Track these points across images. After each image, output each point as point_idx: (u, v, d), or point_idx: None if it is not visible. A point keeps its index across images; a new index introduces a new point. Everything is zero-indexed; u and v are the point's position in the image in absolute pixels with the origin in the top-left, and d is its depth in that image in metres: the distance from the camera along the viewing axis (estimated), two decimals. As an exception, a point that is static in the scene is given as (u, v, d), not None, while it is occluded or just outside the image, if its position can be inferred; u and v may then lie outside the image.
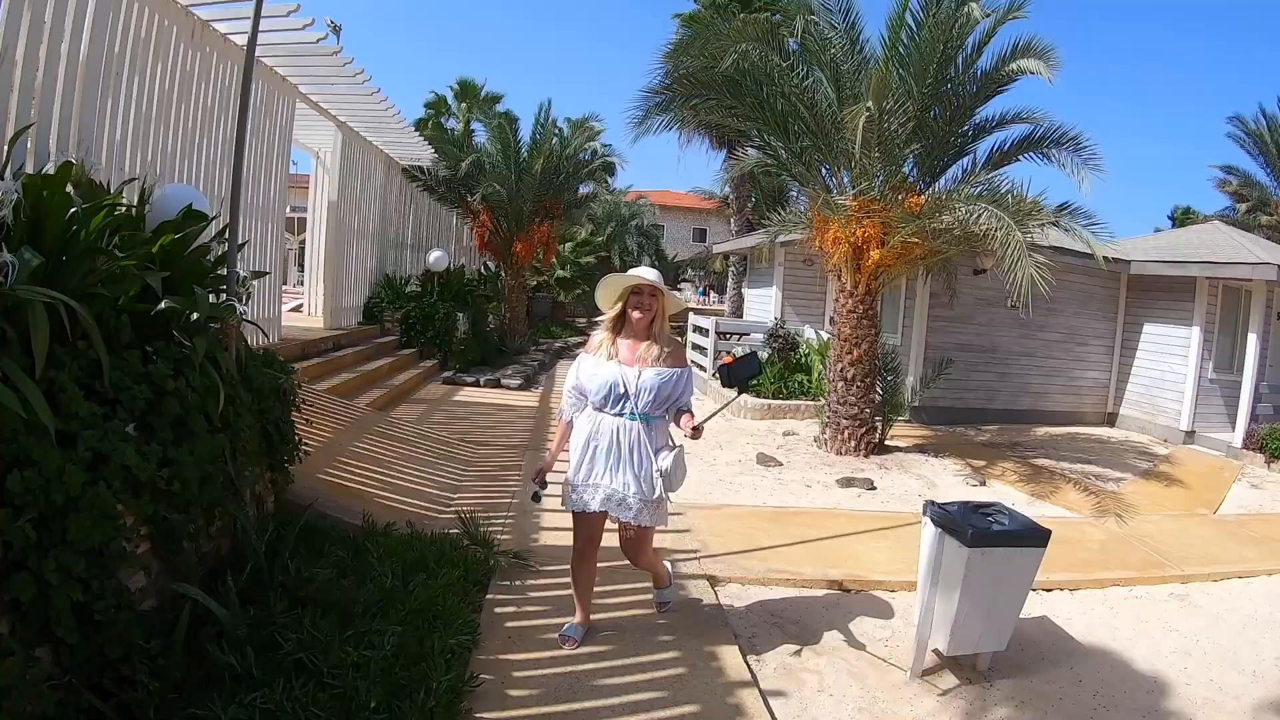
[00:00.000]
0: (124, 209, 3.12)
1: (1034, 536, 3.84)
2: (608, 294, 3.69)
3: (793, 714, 3.52)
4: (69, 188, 2.90)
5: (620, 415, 3.52)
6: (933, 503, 3.94)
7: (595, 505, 3.55)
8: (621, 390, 3.50)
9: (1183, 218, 33.16)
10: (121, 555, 2.63)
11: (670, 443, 3.64)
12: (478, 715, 3.05)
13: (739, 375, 3.94)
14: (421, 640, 3.24)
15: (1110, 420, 13.43)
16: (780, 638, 4.25)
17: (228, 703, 2.67)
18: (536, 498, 3.69)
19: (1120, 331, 13.49)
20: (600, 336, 3.67)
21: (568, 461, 3.65)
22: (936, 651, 4.11)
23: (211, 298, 3.46)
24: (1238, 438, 11.09)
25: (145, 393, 2.81)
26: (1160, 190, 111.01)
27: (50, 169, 3.36)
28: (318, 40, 6.65)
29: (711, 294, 38.90)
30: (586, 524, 3.67)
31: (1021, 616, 4.77)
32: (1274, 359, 12.58)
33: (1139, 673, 4.27)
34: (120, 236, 2.99)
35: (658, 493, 3.57)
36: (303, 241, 13.79)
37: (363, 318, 11.88)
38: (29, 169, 3.49)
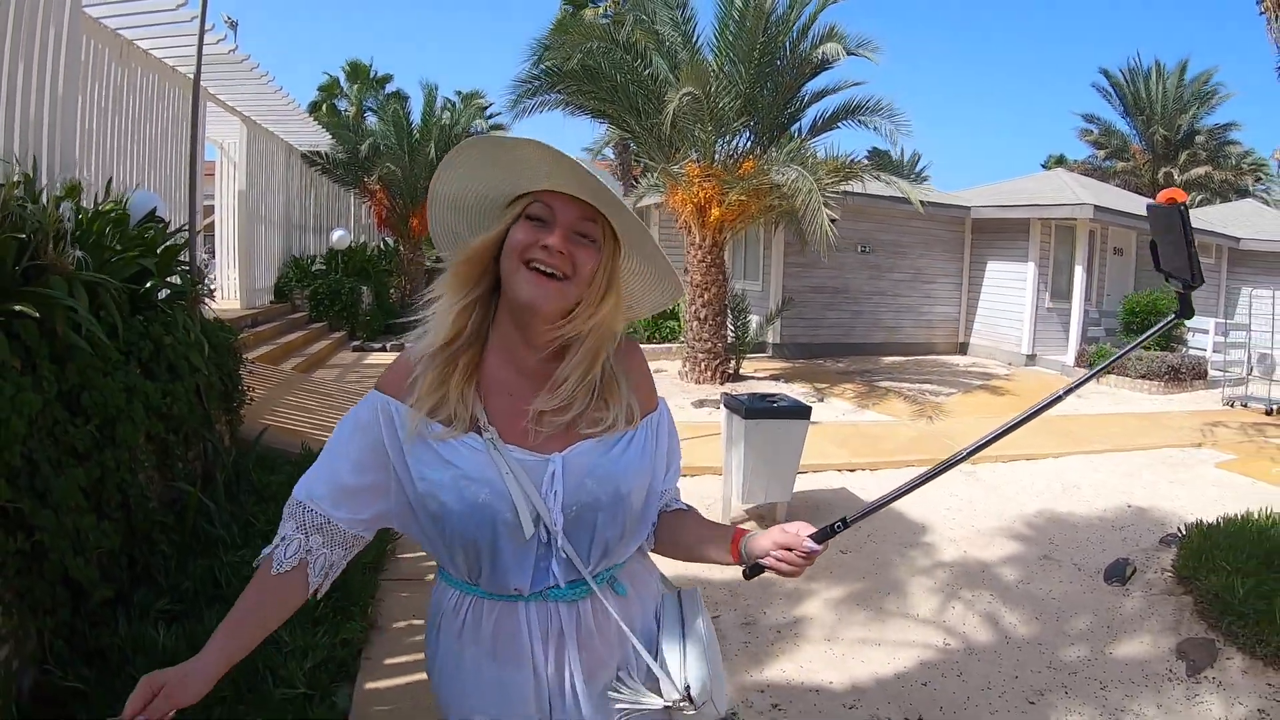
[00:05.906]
0: (115, 213, 4.22)
1: (798, 411, 5.18)
2: (454, 223, 1.49)
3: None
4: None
5: (543, 595, 1.26)
6: (727, 394, 5.37)
7: None
8: (531, 523, 1.20)
9: (1056, 165, 35.58)
10: (141, 462, 3.82)
11: (663, 591, 1.47)
12: (400, 555, 4.43)
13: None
14: (358, 512, 4.53)
15: (963, 349, 15.06)
16: (627, 507, 5.65)
17: (226, 555, 3.91)
18: None
19: (967, 270, 15.09)
20: (426, 359, 1.30)
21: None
22: (748, 512, 5.57)
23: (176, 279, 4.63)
24: (1071, 358, 12.84)
25: (149, 346, 3.98)
26: (1041, 140, 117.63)
27: (44, 181, 4.42)
28: (229, 51, 7.65)
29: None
30: None
31: (823, 489, 6.25)
32: (1110, 288, 14.41)
33: (911, 521, 5.59)
34: (116, 234, 4.13)
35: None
36: (208, 226, 14.27)
37: (274, 297, 12.59)
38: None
